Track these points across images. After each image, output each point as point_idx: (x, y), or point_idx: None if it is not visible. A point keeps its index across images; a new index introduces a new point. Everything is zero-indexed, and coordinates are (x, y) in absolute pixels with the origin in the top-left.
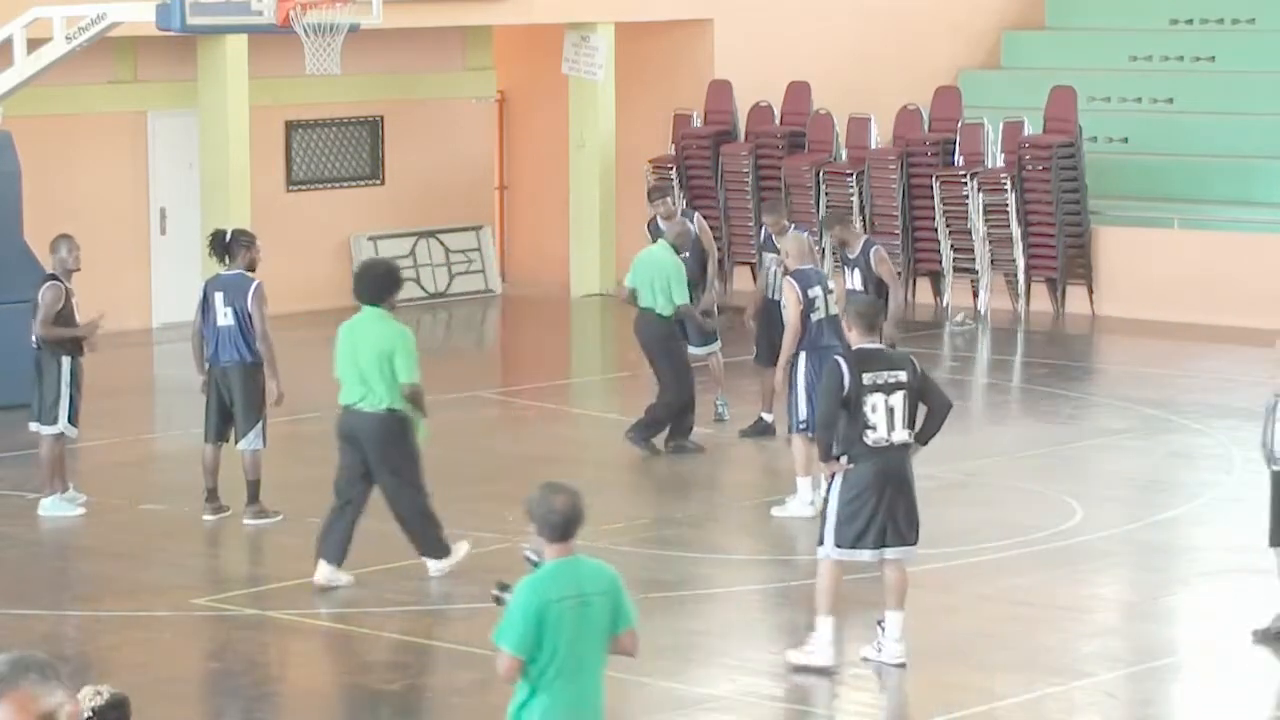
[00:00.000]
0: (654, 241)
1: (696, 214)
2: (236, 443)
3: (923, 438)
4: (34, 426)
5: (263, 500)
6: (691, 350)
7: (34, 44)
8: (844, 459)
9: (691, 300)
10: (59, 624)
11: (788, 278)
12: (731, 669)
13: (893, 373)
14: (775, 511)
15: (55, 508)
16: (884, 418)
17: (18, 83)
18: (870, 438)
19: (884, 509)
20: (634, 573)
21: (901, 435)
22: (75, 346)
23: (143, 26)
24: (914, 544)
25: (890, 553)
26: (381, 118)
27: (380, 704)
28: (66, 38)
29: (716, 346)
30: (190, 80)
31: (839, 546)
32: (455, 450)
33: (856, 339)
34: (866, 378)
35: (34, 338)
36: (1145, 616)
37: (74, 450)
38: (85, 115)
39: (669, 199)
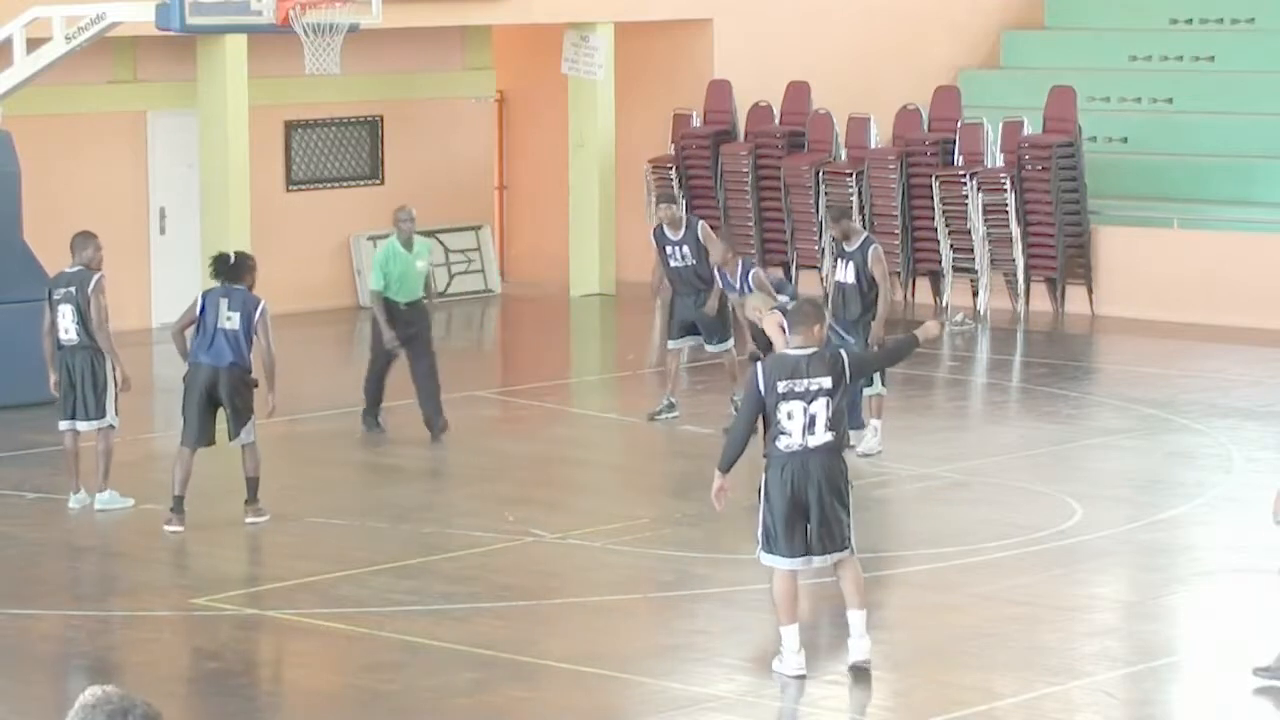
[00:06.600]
0: (660, 249)
1: (701, 222)
2: (231, 440)
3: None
4: (82, 426)
5: (261, 500)
6: (706, 348)
7: (34, 44)
8: (725, 481)
9: (697, 304)
10: (59, 624)
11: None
12: (731, 669)
13: (813, 380)
14: None
15: (112, 501)
16: (800, 424)
17: (18, 83)
18: (782, 443)
19: (800, 516)
20: (634, 573)
21: (823, 438)
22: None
23: (142, 26)
24: (844, 549)
25: (818, 561)
26: (381, 117)
27: (380, 704)
28: (66, 38)
29: (730, 344)
30: (190, 80)
31: (765, 552)
32: (455, 450)
33: (790, 342)
34: (781, 385)
35: (81, 333)
36: (1145, 616)
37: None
38: (85, 115)
39: (673, 206)
